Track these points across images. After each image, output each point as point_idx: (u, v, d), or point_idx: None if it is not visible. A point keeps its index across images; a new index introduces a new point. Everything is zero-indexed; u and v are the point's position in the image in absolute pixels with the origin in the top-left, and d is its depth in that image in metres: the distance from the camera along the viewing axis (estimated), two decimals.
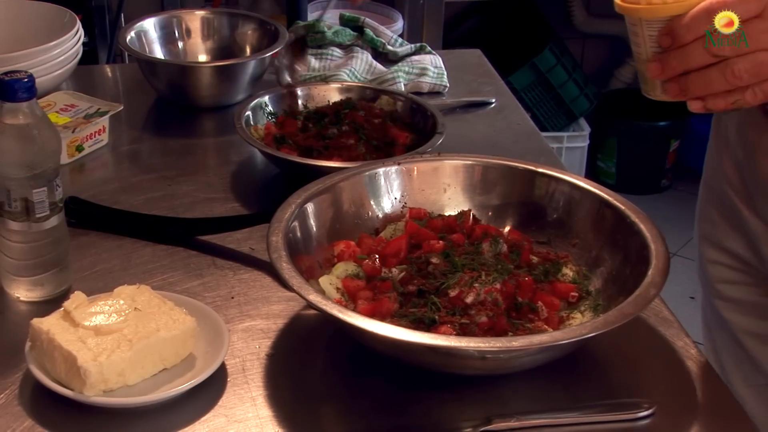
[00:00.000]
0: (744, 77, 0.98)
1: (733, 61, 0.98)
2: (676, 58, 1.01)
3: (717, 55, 0.98)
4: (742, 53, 0.97)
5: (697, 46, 0.99)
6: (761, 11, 0.97)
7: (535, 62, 3.53)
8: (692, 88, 1.01)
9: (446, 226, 1.22)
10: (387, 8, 2.97)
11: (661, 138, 3.70)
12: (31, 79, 1.11)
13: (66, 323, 1.05)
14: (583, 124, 3.59)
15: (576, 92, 3.60)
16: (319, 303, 1.03)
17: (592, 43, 3.92)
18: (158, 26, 1.81)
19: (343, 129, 1.44)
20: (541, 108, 3.56)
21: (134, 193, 1.44)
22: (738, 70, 0.98)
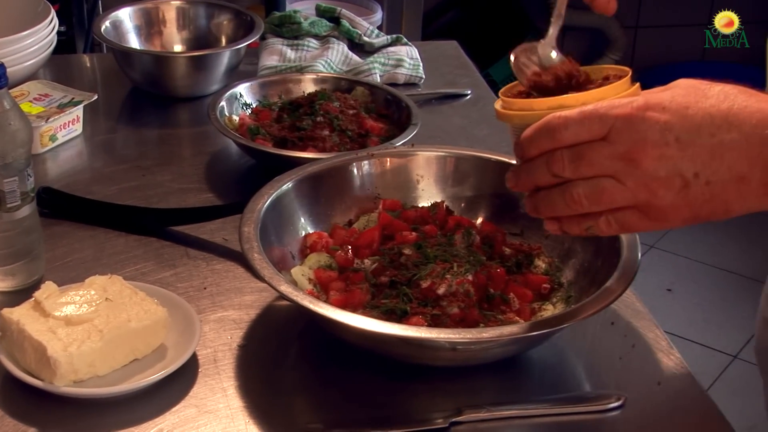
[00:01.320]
0: (584, 203, 0.87)
1: (573, 185, 0.87)
2: (524, 172, 0.91)
3: (557, 175, 0.88)
4: (583, 177, 0.87)
5: (539, 162, 0.89)
6: (606, 133, 0.85)
7: None
8: (540, 207, 0.92)
9: (419, 217, 1.22)
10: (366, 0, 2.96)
11: None
12: (2, 68, 1.10)
13: (36, 313, 1.05)
14: None
15: None
16: (291, 294, 1.03)
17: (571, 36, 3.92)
18: (134, 16, 1.80)
19: (318, 120, 1.44)
20: None
21: (108, 184, 1.44)
22: (577, 195, 0.87)
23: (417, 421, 1.01)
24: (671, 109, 0.85)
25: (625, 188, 0.86)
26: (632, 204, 0.87)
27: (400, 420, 1.02)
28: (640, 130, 0.84)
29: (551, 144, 0.87)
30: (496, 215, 1.25)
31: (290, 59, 1.76)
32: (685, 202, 0.85)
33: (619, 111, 0.85)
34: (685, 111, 0.84)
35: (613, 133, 0.85)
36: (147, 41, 1.81)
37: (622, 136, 0.85)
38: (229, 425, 1.00)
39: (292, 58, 1.76)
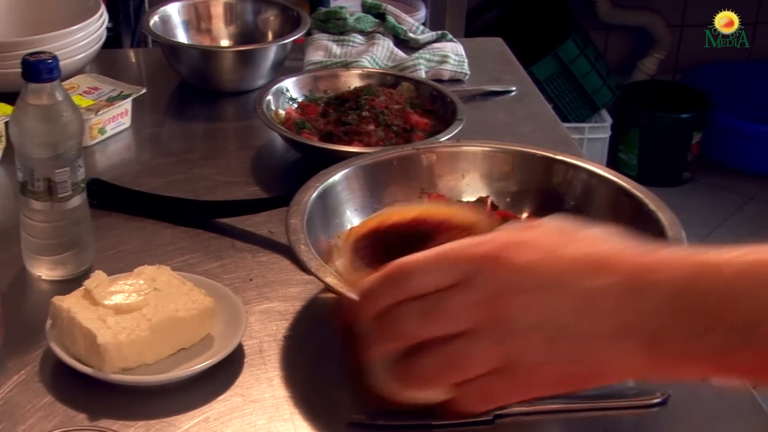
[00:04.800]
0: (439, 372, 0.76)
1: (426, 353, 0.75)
2: (365, 337, 0.80)
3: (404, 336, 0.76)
4: (437, 335, 0.74)
5: (384, 321, 0.77)
6: (462, 278, 0.73)
7: (558, 53, 3.52)
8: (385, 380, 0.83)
9: None
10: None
11: (683, 130, 3.69)
12: (55, 61, 1.12)
13: (86, 302, 1.07)
14: (605, 116, 3.59)
15: (598, 83, 3.59)
16: (337, 286, 1.04)
17: (615, 34, 3.91)
18: (182, 11, 1.82)
19: (363, 115, 1.45)
20: (563, 99, 3.55)
21: (155, 176, 1.45)
22: (429, 365, 0.75)
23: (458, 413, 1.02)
24: (536, 249, 0.73)
25: (486, 345, 0.73)
26: (496, 365, 0.74)
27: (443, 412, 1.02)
28: (500, 272, 0.72)
29: (399, 294, 0.75)
30: (541, 210, 1.25)
31: (336, 55, 1.77)
32: (552, 358, 0.73)
33: (478, 251, 0.74)
34: (552, 252, 0.73)
35: (470, 276, 0.73)
36: (194, 36, 1.83)
37: (479, 280, 0.72)
38: (274, 414, 1.01)
39: (338, 53, 1.78)
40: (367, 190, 1.25)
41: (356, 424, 1.00)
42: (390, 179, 1.27)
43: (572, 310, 0.71)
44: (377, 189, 1.26)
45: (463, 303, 0.73)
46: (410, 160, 1.29)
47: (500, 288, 0.72)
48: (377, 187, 1.26)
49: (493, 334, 0.72)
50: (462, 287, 0.73)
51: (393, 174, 1.28)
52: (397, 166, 1.28)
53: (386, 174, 1.27)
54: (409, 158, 1.29)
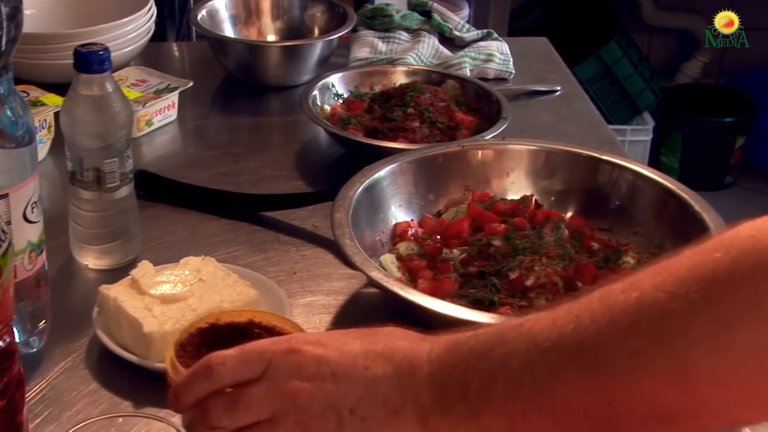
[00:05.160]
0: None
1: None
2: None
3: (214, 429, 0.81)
4: (241, 425, 0.79)
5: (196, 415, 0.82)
6: (264, 370, 0.80)
7: (601, 54, 3.51)
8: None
9: (509, 209, 1.23)
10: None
11: (726, 134, 3.66)
12: (106, 52, 1.13)
13: (133, 291, 1.08)
14: (647, 118, 3.57)
15: (641, 85, 3.58)
16: (381, 280, 1.04)
17: (659, 37, 3.88)
18: (229, 5, 1.83)
19: (409, 111, 1.46)
20: (605, 100, 3.54)
21: (201, 168, 1.46)
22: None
23: None
24: (329, 344, 0.80)
25: (287, 428, 0.79)
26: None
27: None
28: (297, 363, 0.79)
29: (209, 386, 0.81)
30: (585, 210, 1.26)
31: (381, 51, 1.78)
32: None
33: (278, 347, 0.81)
34: (342, 346, 0.80)
35: (270, 368, 0.80)
36: (241, 30, 1.84)
37: (279, 371, 0.79)
38: None
39: (384, 50, 1.78)
40: (412, 186, 1.26)
41: None
42: (435, 176, 1.28)
43: (357, 395, 0.78)
44: (422, 185, 1.27)
45: (262, 393, 0.79)
46: (456, 157, 1.29)
47: (295, 375, 0.79)
48: (422, 184, 1.27)
49: (291, 417, 0.79)
50: (261, 379, 0.80)
51: (438, 171, 1.28)
52: (442, 162, 1.28)
53: (431, 171, 1.28)
54: (454, 155, 1.29)
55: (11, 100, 0.96)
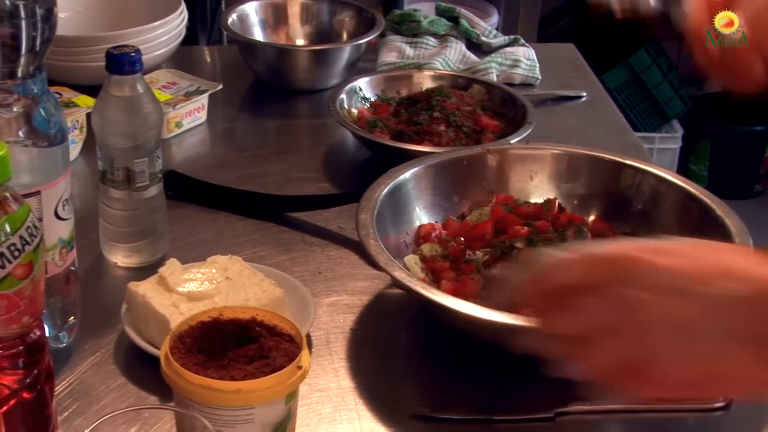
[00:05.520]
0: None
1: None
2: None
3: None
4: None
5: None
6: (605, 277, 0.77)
7: (630, 62, 3.51)
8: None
9: (532, 213, 1.24)
10: (483, 3, 2.98)
11: (756, 143, 3.65)
12: (138, 54, 1.16)
13: (161, 288, 1.10)
14: (676, 126, 3.56)
15: (670, 93, 3.57)
16: (404, 280, 1.06)
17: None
18: (259, 10, 1.85)
19: (434, 115, 1.47)
20: (634, 108, 3.54)
21: (229, 170, 1.48)
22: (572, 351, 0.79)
23: (523, 410, 1.04)
24: (676, 256, 0.76)
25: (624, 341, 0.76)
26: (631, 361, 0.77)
27: (506, 408, 1.04)
28: (644, 272, 0.76)
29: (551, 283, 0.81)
30: (608, 214, 1.27)
31: (409, 56, 1.79)
32: (686, 358, 0.75)
33: (624, 253, 0.78)
34: (691, 260, 0.76)
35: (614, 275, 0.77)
36: (271, 35, 1.86)
37: (623, 279, 0.76)
38: (339, 404, 1.04)
39: (411, 55, 1.80)
40: (436, 188, 1.27)
41: (419, 416, 1.02)
42: (459, 179, 1.29)
43: (711, 313, 0.73)
44: (447, 188, 1.28)
45: (602, 300, 0.76)
46: (480, 160, 1.30)
47: (642, 287, 0.75)
48: (447, 186, 1.28)
49: (632, 332, 0.75)
50: (603, 285, 0.76)
51: (462, 173, 1.29)
52: (466, 165, 1.30)
53: (456, 173, 1.29)
54: (478, 158, 1.30)
55: (45, 99, 0.98)
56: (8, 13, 0.91)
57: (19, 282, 0.84)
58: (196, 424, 0.86)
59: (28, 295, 0.85)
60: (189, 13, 1.80)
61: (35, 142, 0.98)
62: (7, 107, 0.95)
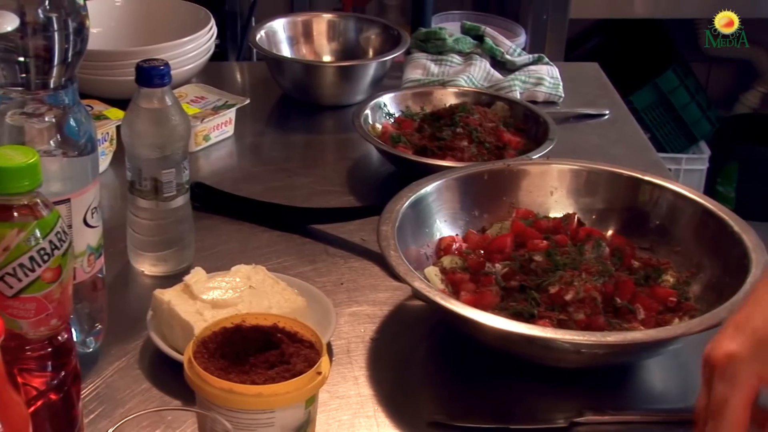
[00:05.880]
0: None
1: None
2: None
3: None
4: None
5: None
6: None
7: (658, 82, 3.51)
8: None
9: (551, 227, 1.26)
10: (511, 23, 3.00)
11: None
12: (166, 68, 1.19)
13: (185, 296, 1.12)
14: (703, 147, 3.56)
15: (698, 115, 3.57)
16: (424, 290, 1.08)
17: (718, 67, 3.88)
18: (287, 27, 1.88)
19: (457, 131, 1.49)
20: (661, 129, 3.54)
21: (255, 183, 1.51)
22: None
23: (540, 419, 1.05)
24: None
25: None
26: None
27: (522, 417, 1.06)
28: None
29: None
30: (626, 229, 1.28)
31: (434, 74, 1.82)
32: None
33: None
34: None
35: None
36: (298, 51, 1.89)
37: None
38: (358, 411, 1.06)
39: (436, 72, 1.82)
40: (457, 202, 1.29)
41: (437, 424, 1.04)
42: (480, 192, 1.31)
43: None
44: (468, 201, 1.30)
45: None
46: (501, 174, 1.32)
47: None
48: (468, 200, 1.30)
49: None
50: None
51: (483, 187, 1.31)
52: (487, 180, 1.32)
53: (477, 187, 1.31)
54: (499, 173, 1.32)
55: (76, 110, 1.01)
56: (42, 25, 0.94)
57: (48, 285, 0.86)
58: (217, 427, 0.88)
59: (56, 298, 0.87)
60: (219, 30, 1.83)
61: (66, 151, 1.01)
62: (39, 117, 0.98)
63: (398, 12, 3.10)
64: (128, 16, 1.86)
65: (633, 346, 1.04)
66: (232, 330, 0.95)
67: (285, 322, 0.96)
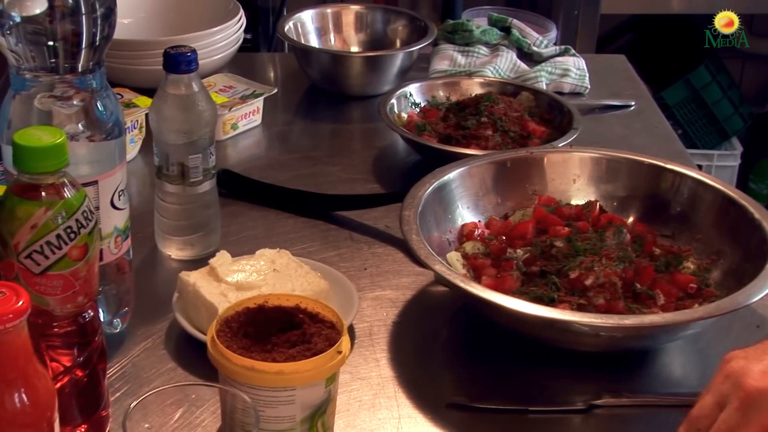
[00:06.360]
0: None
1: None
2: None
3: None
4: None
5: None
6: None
7: (689, 78, 3.50)
8: None
9: (573, 214, 1.27)
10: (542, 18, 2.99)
11: None
12: (193, 54, 1.21)
13: (210, 278, 1.14)
14: (735, 144, 3.55)
15: (730, 111, 3.56)
16: (444, 273, 1.09)
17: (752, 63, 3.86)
18: (315, 18, 1.90)
19: (482, 120, 1.50)
20: (692, 125, 3.53)
21: (282, 170, 1.53)
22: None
23: (558, 402, 1.06)
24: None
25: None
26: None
27: (541, 399, 1.07)
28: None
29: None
30: (648, 216, 1.29)
31: (460, 64, 1.83)
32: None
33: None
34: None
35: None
36: (326, 42, 1.91)
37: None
38: (379, 392, 1.07)
39: (462, 63, 1.83)
40: (480, 189, 1.31)
41: (456, 405, 1.06)
42: (503, 180, 1.32)
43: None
44: (490, 188, 1.31)
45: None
46: (523, 162, 1.33)
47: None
48: (490, 187, 1.31)
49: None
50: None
51: (506, 175, 1.32)
52: (510, 167, 1.33)
53: (499, 175, 1.32)
54: (522, 160, 1.33)
55: (103, 95, 1.04)
56: (70, 9, 0.96)
57: (74, 263, 0.89)
58: (237, 403, 0.90)
59: (82, 276, 0.90)
60: (251, 25, 1.85)
61: (93, 134, 1.03)
62: (67, 100, 1.00)
63: (430, 7, 3.11)
64: (158, 7, 1.88)
65: (650, 328, 1.05)
66: (255, 310, 0.97)
67: (307, 303, 0.98)
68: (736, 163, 3.47)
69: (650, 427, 1.06)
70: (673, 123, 3.43)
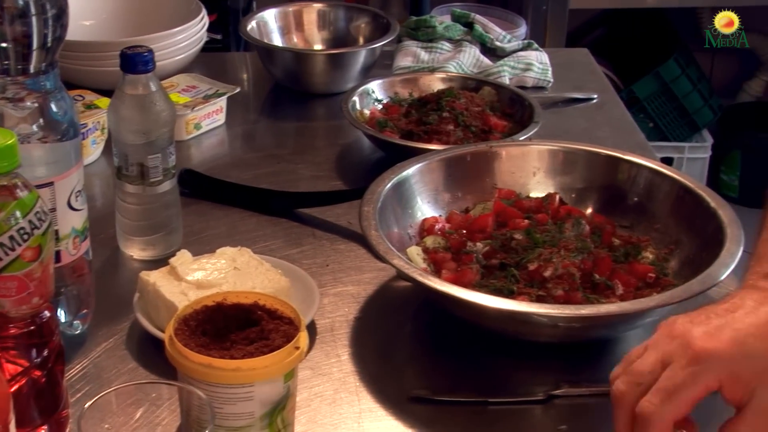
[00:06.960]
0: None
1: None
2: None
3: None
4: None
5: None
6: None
7: (660, 72, 3.52)
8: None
9: (533, 207, 1.28)
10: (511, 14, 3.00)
11: None
12: (150, 54, 1.21)
13: (171, 277, 1.14)
14: (706, 136, 3.57)
15: (700, 103, 3.58)
16: (403, 267, 1.10)
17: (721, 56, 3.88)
18: (278, 17, 1.90)
19: (443, 115, 1.51)
20: (663, 118, 3.54)
21: (245, 169, 1.53)
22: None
23: (518, 392, 1.07)
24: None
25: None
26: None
27: (502, 391, 1.07)
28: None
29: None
30: (606, 207, 1.30)
31: (424, 60, 1.83)
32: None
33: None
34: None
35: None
36: (289, 40, 1.91)
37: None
38: (341, 387, 1.08)
39: (426, 59, 1.84)
40: (440, 183, 1.31)
41: (418, 399, 1.06)
42: (463, 174, 1.33)
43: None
44: (450, 183, 1.32)
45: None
46: (483, 156, 1.34)
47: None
48: (450, 182, 1.32)
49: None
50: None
51: (466, 169, 1.33)
52: (470, 162, 1.33)
53: (459, 169, 1.33)
54: (482, 155, 1.34)
55: (57, 96, 1.03)
56: (20, 11, 0.96)
57: (28, 264, 0.89)
58: (193, 400, 0.91)
59: (37, 277, 0.90)
60: (221, 26, 1.84)
61: (47, 135, 1.02)
62: (20, 102, 1.00)
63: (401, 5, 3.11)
64: (120, 9, 1.88)
65: (607, 318, 1.06)
66: (213, 308, 0.97)
67: (265, 299, 0.98)
68: (707, 155, 3.49)
69: (609, 414, 1.06)
70: (644, 116, 3.45)
